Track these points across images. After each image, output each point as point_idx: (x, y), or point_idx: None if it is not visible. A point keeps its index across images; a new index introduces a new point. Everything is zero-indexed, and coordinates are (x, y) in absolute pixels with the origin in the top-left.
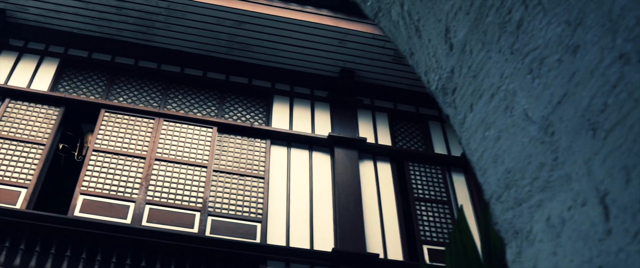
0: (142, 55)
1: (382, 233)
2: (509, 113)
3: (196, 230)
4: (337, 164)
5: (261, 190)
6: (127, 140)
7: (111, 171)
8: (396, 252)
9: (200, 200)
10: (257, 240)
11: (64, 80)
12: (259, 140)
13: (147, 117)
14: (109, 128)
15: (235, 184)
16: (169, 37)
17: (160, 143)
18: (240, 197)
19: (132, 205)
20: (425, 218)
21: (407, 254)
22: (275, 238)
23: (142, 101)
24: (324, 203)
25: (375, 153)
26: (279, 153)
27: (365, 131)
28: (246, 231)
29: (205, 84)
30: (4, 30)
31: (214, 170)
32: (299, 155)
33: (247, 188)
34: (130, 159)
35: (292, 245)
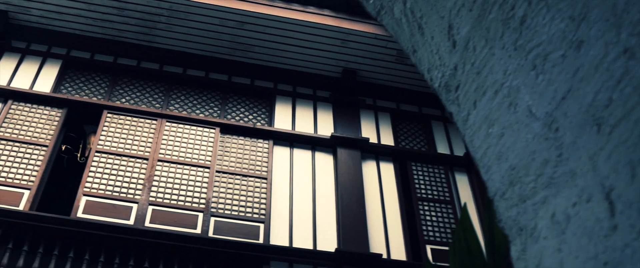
0: (144, 56)
1: (385, 233)
2: (512, 109)
3: (199, 230)
4: (340, 165)
5: (264, 190)
6: (129, 141)
7: (114, 172)
8: (399, 252)
9: (203, 201)
10: (260, 240)
11: (66, 81)
12: (261, 141)
13: (149, 118)
14: (112, 129)
15: (238, 185)
16: (171, 38)
17: (162, 144)
18: (243, 198)
19: (135, 206)
20: (428, 218)
21: (410, 254)
22: (278, 238)
23: (145, 102)
24: (326, 203)
25: (378, 153)
26: (281, 153)
27: (367, 131)
28: (249, 232)
29: (207, 85)
30: (7, 32)
31: (217, 171)
32: (302, 155)
33: (250, 188)
34: (132, 160)
35: (295, 245)
